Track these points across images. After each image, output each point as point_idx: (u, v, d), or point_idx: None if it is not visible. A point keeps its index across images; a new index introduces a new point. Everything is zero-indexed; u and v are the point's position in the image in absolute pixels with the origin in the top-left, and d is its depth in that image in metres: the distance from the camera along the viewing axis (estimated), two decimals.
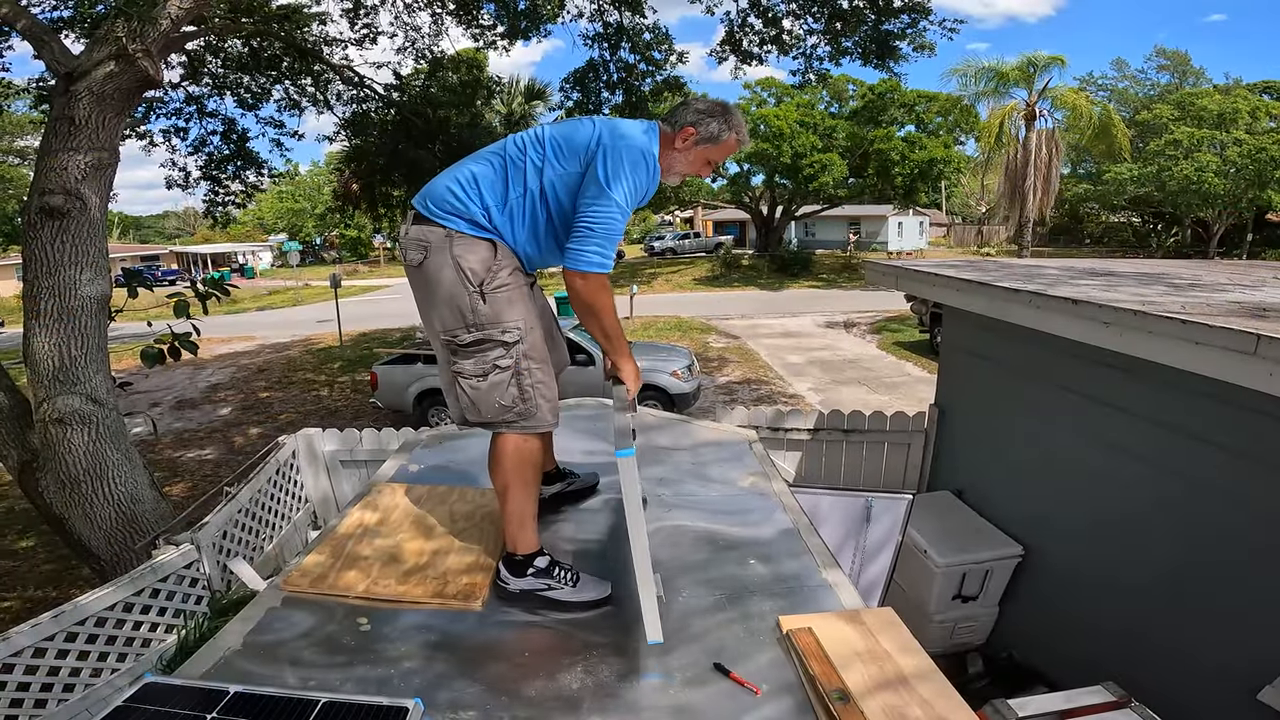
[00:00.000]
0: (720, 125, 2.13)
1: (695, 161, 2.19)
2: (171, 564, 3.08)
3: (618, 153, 1.95)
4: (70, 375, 3.96)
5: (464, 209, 1.98)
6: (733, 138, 2.16)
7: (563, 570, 2.06)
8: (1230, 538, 2.79)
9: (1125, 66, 39.15)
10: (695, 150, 2.16)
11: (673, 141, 2.14)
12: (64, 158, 3.99)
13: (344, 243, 46.92)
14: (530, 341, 2.03)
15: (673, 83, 9.03)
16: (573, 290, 1.95)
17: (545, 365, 2.08)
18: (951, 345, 5.02)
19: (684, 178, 2.23)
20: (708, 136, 2.13)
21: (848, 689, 1.61)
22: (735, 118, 2.17)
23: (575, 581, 2.05)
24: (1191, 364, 2.33)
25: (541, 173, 2.00)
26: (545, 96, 24.40)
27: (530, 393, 2.01)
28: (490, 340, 1.98)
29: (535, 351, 2.04)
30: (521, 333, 2.00)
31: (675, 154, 2.16)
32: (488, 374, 1.99)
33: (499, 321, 1.97)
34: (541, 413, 2.04)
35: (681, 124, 2.13)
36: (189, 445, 10.26)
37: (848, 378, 12.82)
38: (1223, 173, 26.19)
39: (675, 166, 2.18)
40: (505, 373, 1.99)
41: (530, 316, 2.04)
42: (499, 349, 1.98)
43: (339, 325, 18.14)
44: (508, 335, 1.98)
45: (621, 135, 2.00)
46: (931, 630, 3.99)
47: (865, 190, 28.06)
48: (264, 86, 8.79)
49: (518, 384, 2.00)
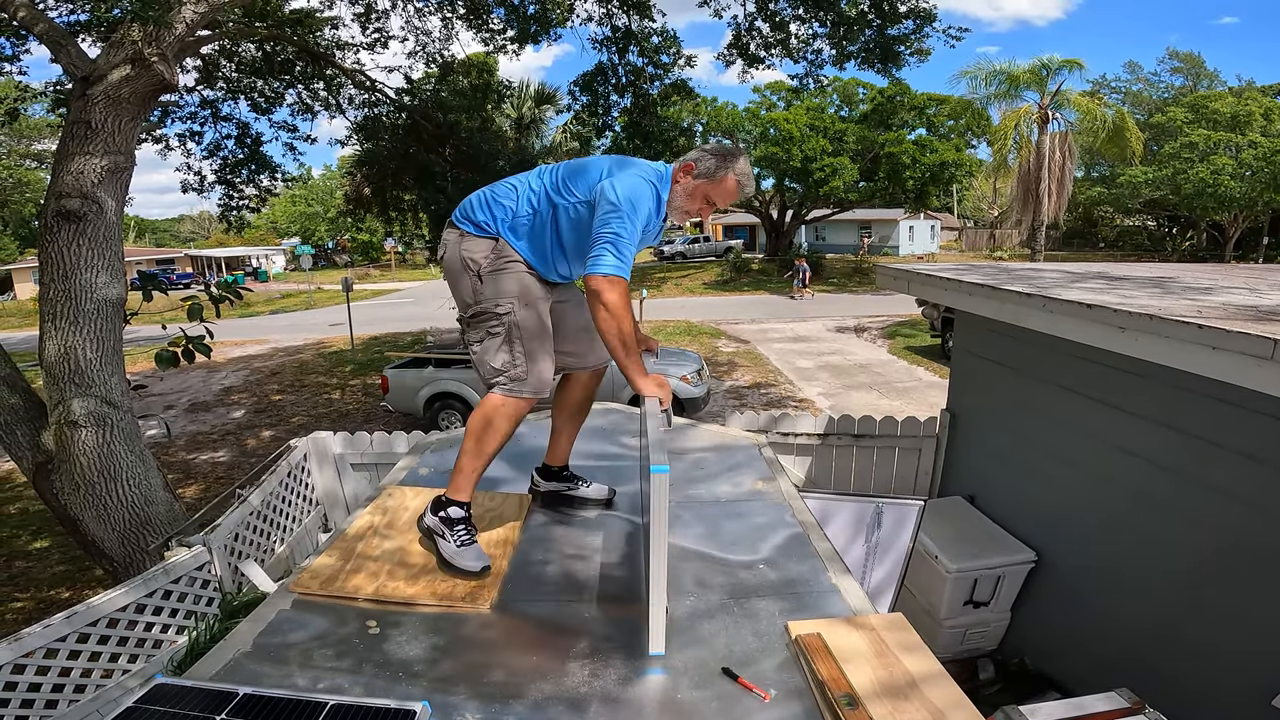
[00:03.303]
0: (718, 163, 2.32)
1: (696, 197, 2.36)
2: (183, 565, 3.09)
3: (624, 170, 2.25)
4: (85, 378, 4.00)
5: (475, 216, 2.35)
6: (731, 178, 2.33)
7: (465, 531, 2.29)
8: (1245, 543, 2.76)
9: (1138, 69, 38.88)
10: (695, 185, 2.34)
11: (676, 177, 2.36)
12: (80, 161, 4.03)
13: (355, 246, 47.17)
14: (522, 315, 2.30)
15: (680, 86, 9.03)
16: (589, 294, 2.14)
17: (539, 339, 2.34)
18: (963, 350, 4.98)
19: (688, 216, 2.41)
20: (705, 172, 2.32)
21: (856, 694, 1.59)
22: (737, 162, 2.35)
23: (464, 545, 2.26)
24: (1207, 369, 2.30)
25: (551, 200, 2.29)
26: (555, 100, 24.52)
27: (520, 359, 2.30)
28: (486, 312, 2.31)
29: (528, 323, 2.31)
30: (514, 305, 2.30)
31: (677, 188, 2.36)
32: (483, 339, 2.33)
33: (493, 297, 2.30)
34: (530, 379, 2.31)
35: (685, 159, 2.35)
36: (202, 447, 10.34)
37: (858, 382, 12.76)
38: (1238, 175, 25.94)
39: (676, 201, 2.37)
40: (497, 338, 2.31)
41: (526, 295, 2.31)
42: (493, 319, 2.31)
43: (350, 328, 18.24)
44: (500, 308, 2.30)
45: (629, 162, 2.31)
46: (942, 636, 3.96)
47: (876, 194, 27.91)
48: (277, 90, 8.85)
49: (509, 349, 2.30)
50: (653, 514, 1.67)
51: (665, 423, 2.12)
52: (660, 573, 1.75)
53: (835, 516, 3.57)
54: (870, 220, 37.47)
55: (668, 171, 2.36)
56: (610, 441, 3.46)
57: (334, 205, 44.39)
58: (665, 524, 1.70)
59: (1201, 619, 2.94)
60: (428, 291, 30.11)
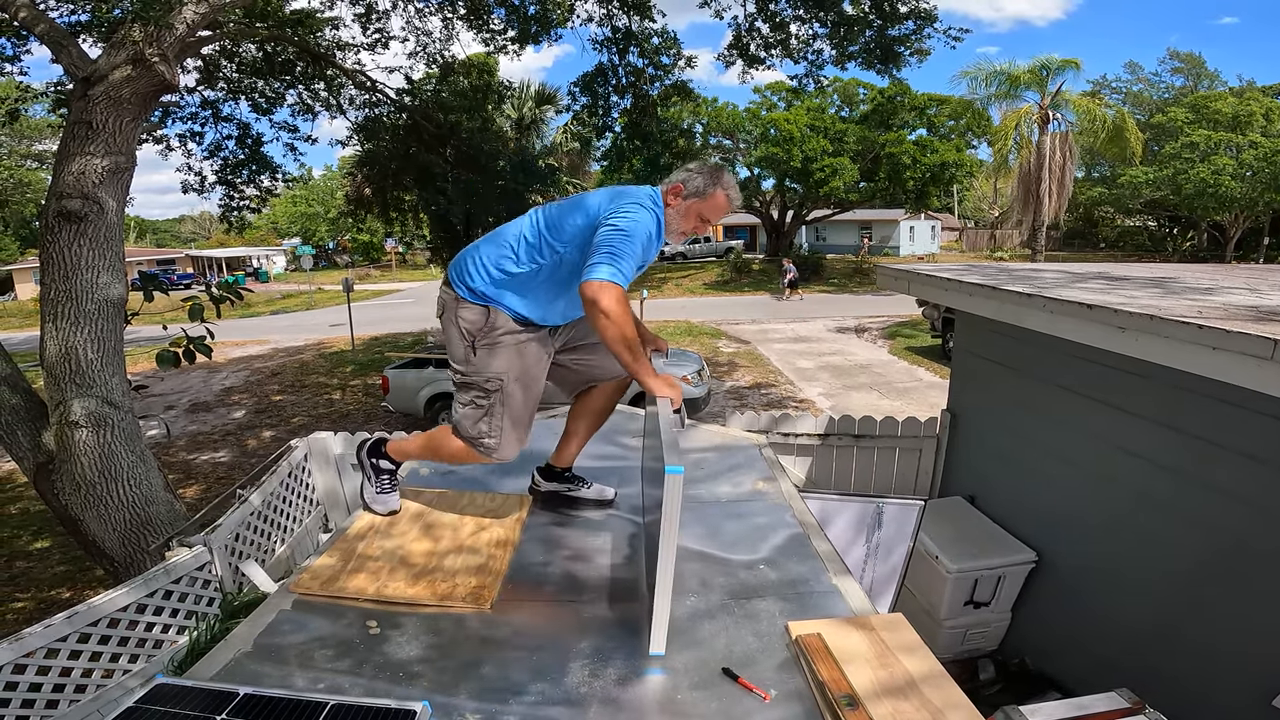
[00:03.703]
0: (707, 181, 2.34)
1: (689, 216, 2.38)
2: (184, 565, 3.09)
3: (624, 198, 2.26)
4: (86, 378, 4.00)
5: (471, 281, 2.34)
6: (720, 194, 2.36)
7: (388, 482, 2.64)
8: (1245, 543, 2.76)
9: (1139, 69, 38.79)
10: (685, 204, 2.36)
11: (667, 200, 2.37)
12: (81, 162, 4.03)
13: (356, 247, 47.16)
14: (510, 391, 2.36)
15: (680, 87, 9.02)
16: (585, 303, 2.10)
17: (520, 413, 2.41)
18: (964, 350, 4.98)
19: (684, 236, 2.43)
20: (695, 191, 2.34)
21: (857, 695, 1.60)
22: (724, 177, 2.38)
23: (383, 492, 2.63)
24: (1207, 369, 2.30)
25: (551, 247, 2.28)
26: (555, 101, 24.50)
27: (496, 433, 2.39)
28: (474, 385, 2.37)
29: (513, 401, 2.37)
30: (502, 382, 2.35)
31: (670, 211, 2.38)
32: (466, 406, 2.40)
33: (483, 371, 2.35)
34: (500, 451, 2.41)
35: (672, 181, 2.37)
36: (203, 448, 10.34)
37: (859, 383, 12.76)
38: (1239, 176, 25.92)
39: (672, 224, 2.38)
40: (480, 410, 2.38)
41: (515, 369, 2.36)
42: (480, 392, 2.37)
43: (351, 329, 18.25)
44: (489, 384, 2.35)
45: (626, 192, 2.32)
46: (942, 636, 3.96)
47: (876, 194, 27.89)
48: (278, 91, 8.86)
49: (488, 421, 2.38)
50: (664, 514, 1.67)
51: (678, 423, 2.12)
52: (667, 573, 1.75)
53: (836, 517, 3.57)
54: (871, 221, 37.46)
55: (658, 195, 2.36)
56: (610, 442, 3.46)
57: (335, 206, 44.38)
58: (676, 524, 1.69)
59: (1202, 619, 2.94)
60: (428, 292, 29.97)
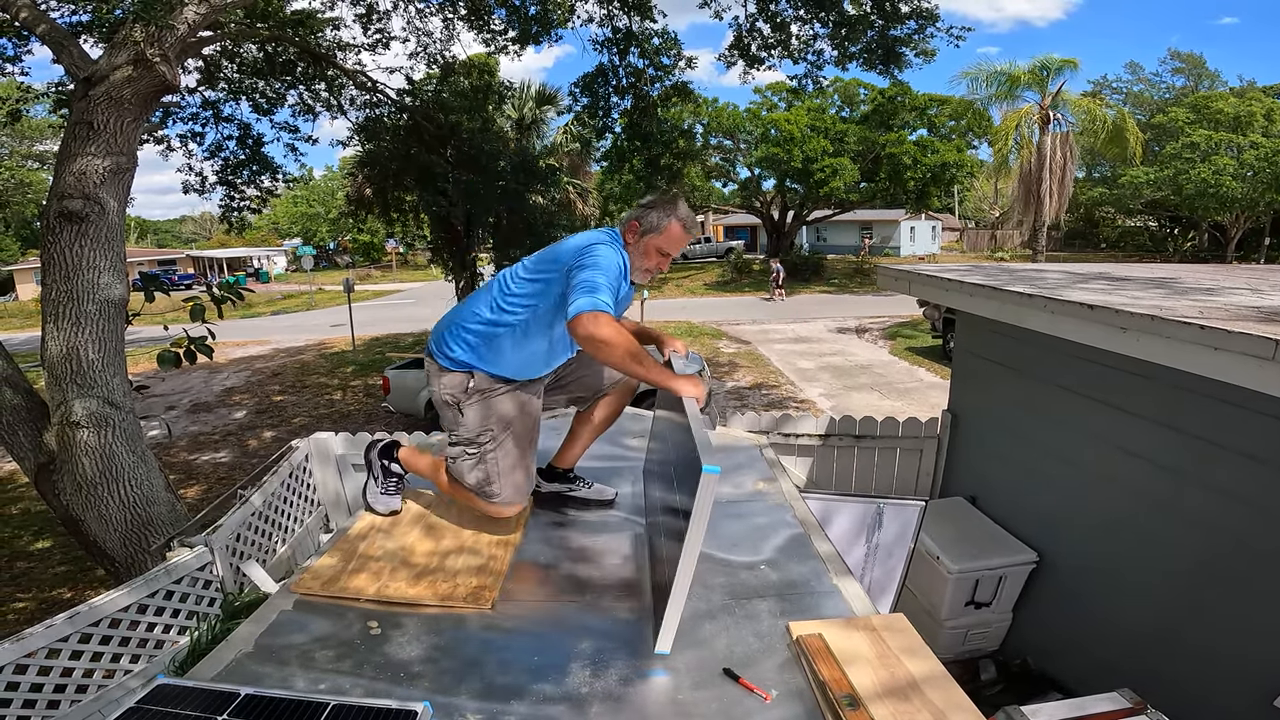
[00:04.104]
0: (660, 214, 2.33)
1: (649, 254, 2.36)
2: (185, 566, 3.09)
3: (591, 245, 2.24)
4: (87, 378, 4.00)
5: (450, 351, 2.38)
6: (675, 224, 2.34)
7: (394, 485, 2.69)
8: (1247, 543, 2.76)
9: (1139, 69, 38.75)
10: (643, 242, 2.35)
11: (626, 240, 2.36)
12: (83, 162, 4.03)
13: (357, 247, 47.18)
14: (501, 441, 2.39)
15: (681, 88, 9.02)
16: (578, 339, 2.11)
17: (518, 458, 2.43)
18: (965, 351, 4.98)
19: (648, 274, 2.41)
20: (651, 227, 2.33)
21: (858, 695, 1.59)
22: (678, 208, 2.36)
23: (386, 493, 2.67)
24: (1209, 369, 2.30)
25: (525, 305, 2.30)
26: (555, 101, 24.46)
27: (495, 480, 2.39)
28: (466, 440, 2.40)
29: (505, 450, 2.40)
30: (493, 435, 2.38)
31: (630, 249, 2.36)
32: (461, 460, 2.42)
33: (475, 428, 2.38)
34: (503, 495, 2.41)
35: (628, 220, 2.36)
36: (204, 448, 10.34)
37: (859, 383, 12.76)
38: (1240, 176, 25.90)
39: (634, 262, 2.36)
40: (473, 459, 2.40)
41: (503, 421, 2.39)
42: (474, 446, 2.40)
43: (352, 329, 18.25)
44: (481, 438, 2.39)
45: (589, 235, 2.32)
46: (943, 636, 3.96)
47: (877, 195, 27.88)
48: (279, 91, 8.86)
49: (483, 470, 2.39)
50: (694, 513, 1.66)
51: (709, 423, 2.12)
52: (687, 574, 1.73)
53: (836, 517, 3.57)
54: (871, 221, 37.46)
55: (617, 235, 2.35)
56: (612, 442, 3.46)
57: (335, 206, 44.39)
58: (705, 523, 1.68)
59: (1203, 619, 2.94)
60: (429, 292, 30.11)
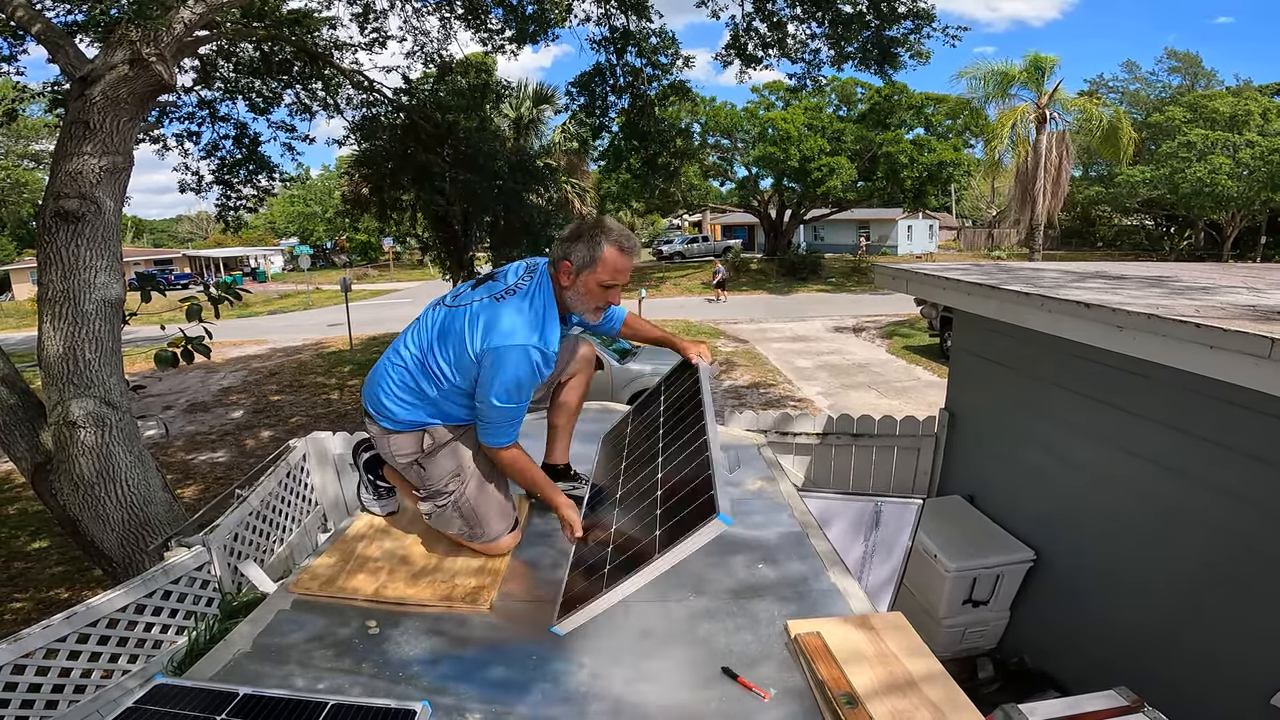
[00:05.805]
0: (588, 247, 2.09)
1: (591, 292, 2.14)
2: (183, 566, 3.08)
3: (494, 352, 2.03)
4: (84, 378, 3.99)
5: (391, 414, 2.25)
6: (608, 250, 2.09)
7: (387, 494, 2.68)
8: (1245, 543, 2.76)
9: (1136, 69, 38.83)
10: (580, 281, 2.13)
11: (560, 282, 2.14)
12: (79, 162, 4.02)
13: (354, 246, 47.12)
14: (470, 486, 2.32)
15: (678, 87, 9.02)
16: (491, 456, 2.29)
17: (491, 497, 2.36)
18: (962, 349, 4.99)
19: (599, 312, 2.24)
20: (582, 263, 2.10)
21: (856, 693, 1.60)
22: (605, 230, 2.11)
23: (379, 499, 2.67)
24: (1205, 368, 2.30)
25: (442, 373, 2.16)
26: (553, 100, 24.47)
27: (475, 522, 2.33)
28: (437, 493, 2.32)
29: (473, 493, 2.32)
30: (462, 481, 2.31)
31: (568, 292, 2.15)
32: (432, 514, 2.36)
33: (439, 478, 2.30)
34: (489, 533, 2.35)
35: (557, 260, 2.13)
36: (201, 448, 10.32)
37: (857, 382, 12.77)
38: (1236, 175, 25.96)
39: (576, 305, 2.18)
40: (445, 509, 2.32)
41: (467, 465, 2.32)
42: (443, 496, 2.31)
43: (349, 329, 18.22)
44: (448, 487, 2.31)
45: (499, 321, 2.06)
46: (941, 635, 3.96)
47: (874, 193, 27.92)
48: (275, 91, 8.84)
49: (461, 518, 2.33)
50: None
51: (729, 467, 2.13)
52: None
53: (835, 516, 3.57)
54: (868, 220, 37.51)
55: (547, 282, 2.13)
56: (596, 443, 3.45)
57: (332, 205, 44.28)
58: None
59: (1201, 618, 2.94)
60: (426, 291, 30.06)
